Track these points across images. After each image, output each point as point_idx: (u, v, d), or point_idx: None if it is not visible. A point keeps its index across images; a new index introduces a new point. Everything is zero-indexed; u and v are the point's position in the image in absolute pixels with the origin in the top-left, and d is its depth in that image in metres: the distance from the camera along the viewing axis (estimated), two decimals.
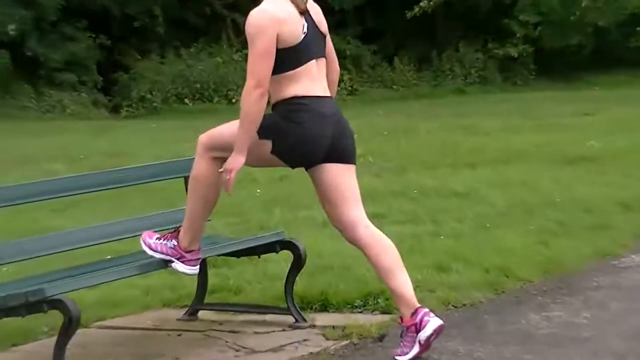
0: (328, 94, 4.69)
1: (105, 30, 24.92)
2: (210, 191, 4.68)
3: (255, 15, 4.50)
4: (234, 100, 23.26)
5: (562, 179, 9.80)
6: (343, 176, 4.68)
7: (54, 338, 4.51)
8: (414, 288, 4.71)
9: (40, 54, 23.40)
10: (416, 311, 4.57)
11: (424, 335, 4.53)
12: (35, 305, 4.36)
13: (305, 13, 4.60)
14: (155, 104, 24.20)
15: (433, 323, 4.55)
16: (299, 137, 4.54)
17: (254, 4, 4.60)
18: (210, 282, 5.70)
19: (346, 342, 4.97)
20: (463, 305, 5.64)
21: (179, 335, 5.25)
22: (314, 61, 4.62)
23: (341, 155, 4.66)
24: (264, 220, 8.16)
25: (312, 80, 4.60)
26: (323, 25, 4.71)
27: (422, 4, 25.11)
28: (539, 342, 4.95)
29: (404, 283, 4.63)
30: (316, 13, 4.68)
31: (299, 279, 5.49)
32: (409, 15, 25.51)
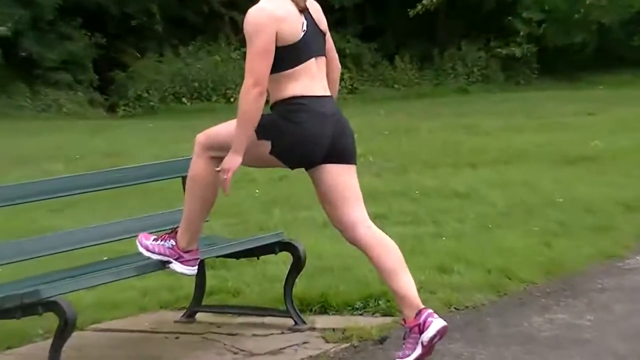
0: (328, 93, 4.68)
1: (102, 29, 24.91)
2: (208, 191, 4.67)
3: (253, 13, 4.50)
4: (233, 99, 23.25)
5: (564, 179, 9.80)
6: (343, 176, 4.67)
7: (50, 340, 4.50)
8: (417, 289, 4.68)
9: (35, 53, 23.38)
10: (420, 312, 4.54)
11: (427, 336, 4.50)
12: (30, 307, 4.35)
13: (304, 11, 4.59)
14: (152, 103, 24.18)
15: (436, 324, 4.52)
16: (299, 138, 4.53)
17: (252, 2, 4.59)
18: (209, 284, 5.70)
19: (346, 345, 4.97)
20: (465, 307, 5.64)
21: (177, 337, 5.25)
22: (313, 59, 4.61)
23: (341, 155, 4.66)
24: (263, 221, 8.15)
25: (312, 79, 4.59)
26: (323, 23, 4.71)
27: (425, 2, 25.13)
28: (541, 345, 4.95)
29: (407, 284, 4.61)
30: (316, 11, 4.68)
31: (298, 281, 5.49)
32: (411, 14, 25.52)
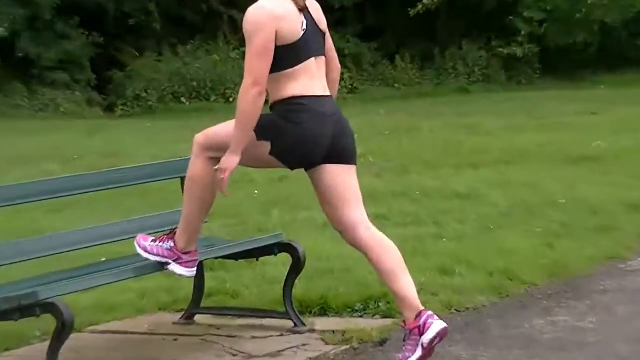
0: (327, 93, 4.68)
1: (100, 28, 24.91)
2: (206, 192, 4.67)
3: (253, 12, 4.50)
4: (232, 99, 23.23)
5: (567, 180, 9.79)
6: (343, 177, 4.67)
7: (47, 343, 4.49)
8: (417, 291, 4.68)
9: (33, 52, 23.38)
10: (420, 314, 4.55)
11: (427, 338, 4.50)
12: (28, 308, 4.35)
13: (304, 10, 4.59)
14: (150, 102, 24.17)
15: (437, 326, 4.52)
16: (299, 138, 4.53)
17: (251, 0, 4.59)
18: (207, 286, 5.69)
19: (346, 347, 4.97)
20: (466, 309, 5.63)
21: (175, 339, 5.25)
22: (313, 59, 4.61)
23: (341, 155, 4.65)
24: (262, 222, 8.15)
25: (312, 79, 4.59)
26: (322, 23, 4.70)
27: (425, 1, 25.13)
28: (543, 347, 4.94)
29: (407, 285, 4.61)
30: (315, 10, 4.67)
31: (298, 283, 5.48)
32: (412, 13, 25.52)
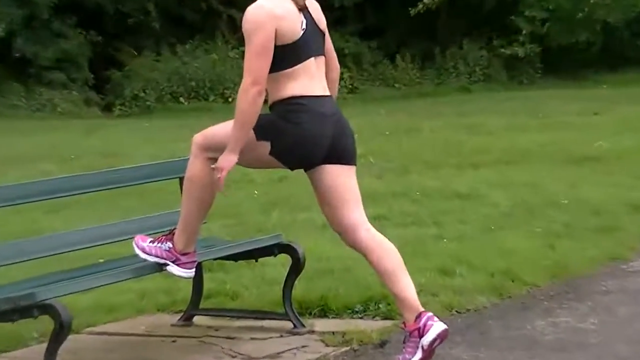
0: (327, 93, 4.69)
1: (98, 28, 24.90)
2: (205, 192, 4.67)
3: (252, 11, 4.51)
4: (231, 99, 23.22)
5: (568, 180, 9.79)
6: (343, 177, 4.68)
7: (45, 344, 4.50)
8: (417, 292, 4.70)
9: (30, 52, 23.38)
10: (420, 315, 4.56)
11: (427, 340, 4.51)
12: (25, 310, 4.35)
13: (303, 10, 4.60)
14: (149, 102, 24.16)
15: (437, 327, 4.53)
16: (298, 138, 4.54)
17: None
18: (206, 287, 5.70)
19: (346, 349, 4.97)
20: (467, 310, 5.64)
21: (174, 341, 5.25)
22: (312, 59, 4.62)
23: (341, 155, 4.66)
24: (261, 222, 8.15)
25: (311, 79, 4.60)
26: (322, 22, 4.72)
27: (426, 0, 25.13)
28: (544, 348, 4.95)
29: (407, 287, 4.62)
30: (315, 10, 4.69)
31: (297, 284, 5.49)
32: (412, 12, 25.53)
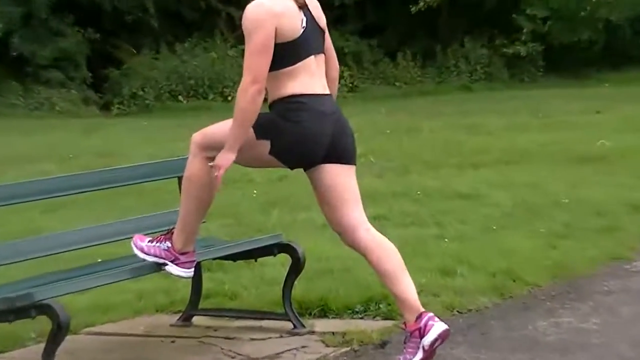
0: (327, 92, 4.69)
1: (96, 26, 24.89)
2: (204, 191, 4.67)
3: (252, 9, 4.50)
4: (230, 97, 23.22)
5: (570, 179, 9.80)
6: (343, 177, 4.67)
7: (42, 345, 4.49)
8: (418, 292, 4.70)
9: (27, 50, 23.39)
10: (420, 315, 4.56)
11: (427, 340, 4.51)
12: (23, 310, 4.34)
13: (303, 7, 4.60)
14: (147, 101, 24.15)
15: (437, 328, 4.53)
16: (298, 137, 4.53)
17: None
18: (205, 287, 5.70)
19: (346, 349, 4.97)
20: (468, 310, 5.64)
21: (173, 341, 5.25)
22: (312, 57, 4.61)
23: (341, 155, 4.66)
24: (261, 222, 8.15)
25: (311, 77, 4.60)
26: (322, 20, 4.71)
27: None
28: (546, 349, 4.95)
29: (407, 287, 4.62)
30: (315, 8, 4.68)
31: (297, 284, 5.49)
32: (413, 10, 25.54)
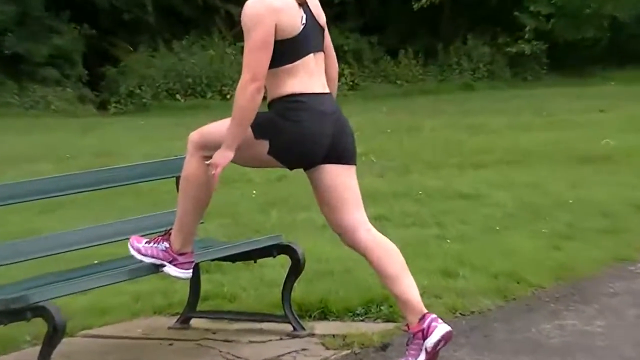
0: (327, 90, 4.68)
1: (92, 23, 24.90)
2: (201, 191, 4.67)
3: (251, 5, 4.50)
4: (229, 96, 23.23)
5: (574, 179, 9.80)
6: (343, 177, 4.67)
7: (38, 347, 4.50)
8: (420, 294, 4.68)
9: (22, 48, 23.39)
10: (423, 317, 4.56)
11: (430, 342, 4.51)
12: (18, 312, 4.34)
13: (303, 4, 4.60)
14: (144, 99, 24.16)
15: (440, 329, 4.53)
16: (297, 137, 4.53)
17: None
18: (203, 289, 5.70)
19: (347, 352, 4.97)
20: (471, 312, 5.64)
21: (170, 344, 5.25)
22: (312, 55, 4.61)
23: (341, 155, 4.66)
24: (260, 222, 8.15)
25: (311, 76, 4.59)
26: (322, 18, 4.71)
27: None
28: (550, 352, 4.95)
29: (409, 288, 4.62)
30: (315, 5, 4.68)
31: (297, 285, 5.49)
32: (415, 7, 25.57)
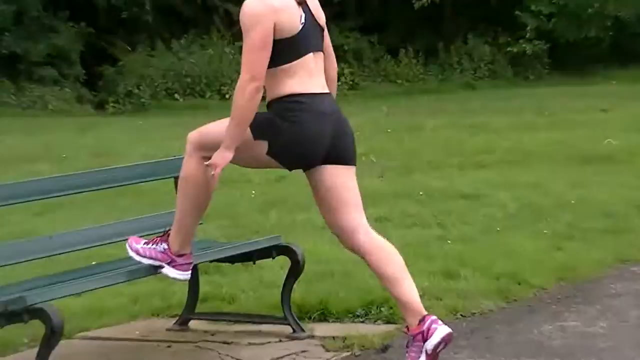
0: (326, 90, 4.68)
1: (90, 22, 24.90)
2: (200, 192, 4.66)
3: (250, 4, 4.49)
4: (228, 95, 23.22)
5: (576, 179, 9.80)
6: (343, 178, 4.66)
7: (36, 349, 4.49)
8: (421, 296, 4.70)
9: (19, 48, 23.38)
10: (423, 319, 4.56)
11: (431, 344, 4.51)
12: (15, 314, 4.34)
13: (302, 4, 4.59)
14: (143, 99, 24.14)
15: (441, 331, 4.53)
16: (297, 137, 4.52)
17: None
18: (202, 290, 5.69)
19: (347, 354, 4.98)
20: (472, 314, 5.64)
21: (169, 346, 5.25)
22: (311, 55, 4.61)
23: (341, 156, 4.65)
24: (259, 223, 8.15)
25: (310, 76, 4.59)
26: (321, 18, 4.71)
27: None
28: (552, 354, 4.94)
29: (409, 290, 4.62)
30: (314, 5, 4.68)
31: (296, 287, 5.48)
32: (416, 6, 25.57)
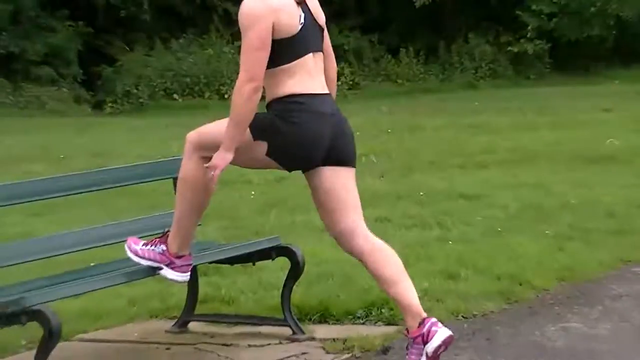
0: (326, 91, 4.68)
1: (88, 21, 24.90)
2: (199, 193, 4.66)
3: (248, 4, 4.50)
4: (227, 95, 23.22)
5: (578, 180, 9.81)
6: (342, 180, 4.66)
7: (33, 351, 4.49)
8: (421, 297, 4.71)
9: (16, 47, 23.38)
10: (423, 321, 4.56)
11: (431, 346, 4.51)
12: (13, 316, 4.34)
13: (302, 3, 4.60)
14: (141, 99, 24.15)
15: (441, 334, 4.53)
16: (296, 138, 4.53)
17: None
18: (201, 292, 5.70)
19: (348, 356, 4.98)
20: (473, 315, 5.64)
21: (168, 348, 5.25)
22: (311, 55, 4.61)
23: (341, 157, 4.65)
24: (259, 224, 8.16)
25: (310, 76, 4.59)
26: (321, 18, 4.71)
27: None
28: (554, 355, 4.95)
29: (407, 292, 4.61)
30: (314, 5, 4.69)
31: (296, 288, 5.49)
32: (417, 4, 25.57)
